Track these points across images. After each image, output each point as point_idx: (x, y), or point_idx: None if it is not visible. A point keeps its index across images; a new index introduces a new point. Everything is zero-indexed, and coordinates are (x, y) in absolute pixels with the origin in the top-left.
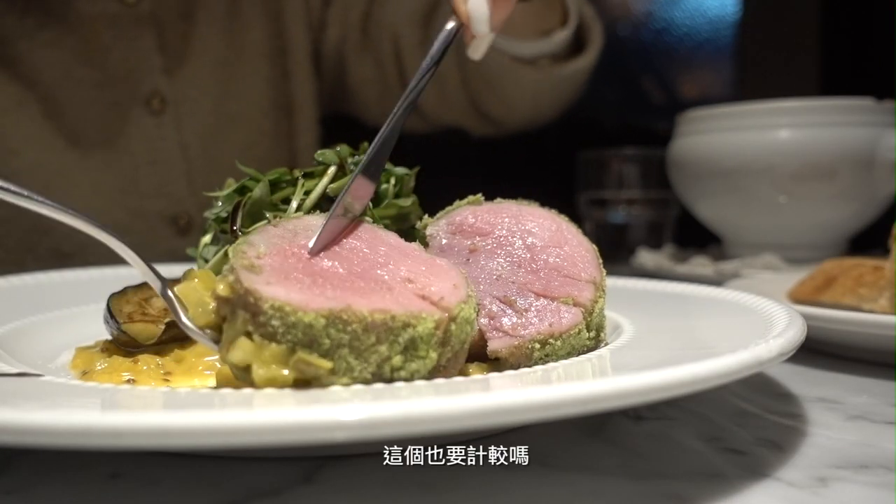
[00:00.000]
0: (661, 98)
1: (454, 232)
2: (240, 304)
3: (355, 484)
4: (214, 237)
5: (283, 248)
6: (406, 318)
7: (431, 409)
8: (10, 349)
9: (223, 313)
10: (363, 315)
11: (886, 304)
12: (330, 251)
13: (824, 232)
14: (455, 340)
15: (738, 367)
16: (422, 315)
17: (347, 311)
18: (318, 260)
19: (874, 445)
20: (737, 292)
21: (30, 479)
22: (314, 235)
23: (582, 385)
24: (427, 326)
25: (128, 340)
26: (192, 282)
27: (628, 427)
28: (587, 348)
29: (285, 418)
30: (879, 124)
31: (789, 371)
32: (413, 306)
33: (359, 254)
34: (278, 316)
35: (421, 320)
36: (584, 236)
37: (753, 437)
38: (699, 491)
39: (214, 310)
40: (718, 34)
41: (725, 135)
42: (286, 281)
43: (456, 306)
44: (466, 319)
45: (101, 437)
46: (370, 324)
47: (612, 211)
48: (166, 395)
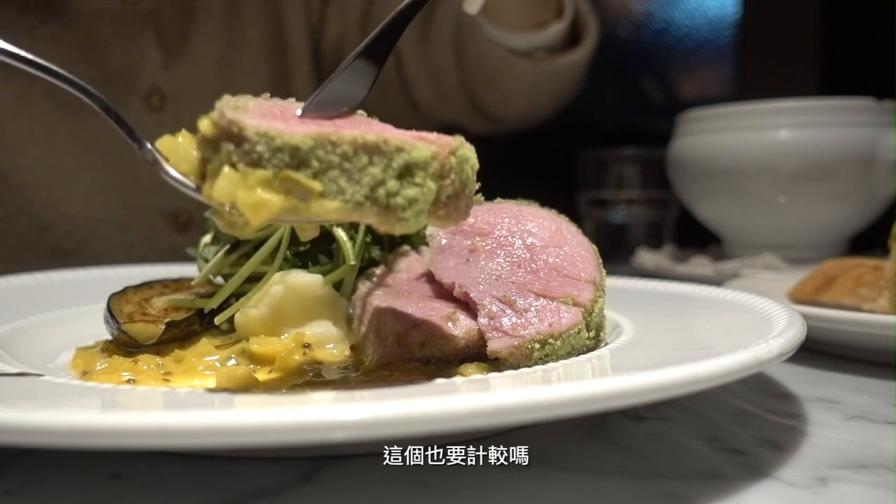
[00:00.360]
0: (660, 98)
1: (454, 232)
2: (223, 136)
3: (355, 484)
4: (214, 237)
5: (271, 107)
6: (400, 143)
7: (431, 409)
8: (10, 349)
9: (206, 155)
10: (353, 136)
11: (886, 304)
12: (319, 117)
13: (824, 232)
14: (455, 178)
15: (738, 367)
16: (417, 144)
17: (336, 134)
18: (306, 117)
19: (874, 445)
20: (737, 292)
21: (30, 479)
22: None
23: (582, 385)
24: (422, 153)
25: (128, 340)
26: (175, 137)
27: (628, 427)
28: (587, 348)
29: (285, 418)
30: (879, 124)
31: (789, 371)
32: (409, 138)
33: (350, 122)
34: (263, 141)
35: (416, 147)
36: (583, 236)
37: (753, 437)
38: (699, 491)
39: (197, 157)
40: (718, 34)
41: (725, 135)
42: (271, 118)
43: (455, 141)
44: (466, 158)
45: (101, 437)
46: (361, 145)
47: (611, 211)
48: (166, 395)
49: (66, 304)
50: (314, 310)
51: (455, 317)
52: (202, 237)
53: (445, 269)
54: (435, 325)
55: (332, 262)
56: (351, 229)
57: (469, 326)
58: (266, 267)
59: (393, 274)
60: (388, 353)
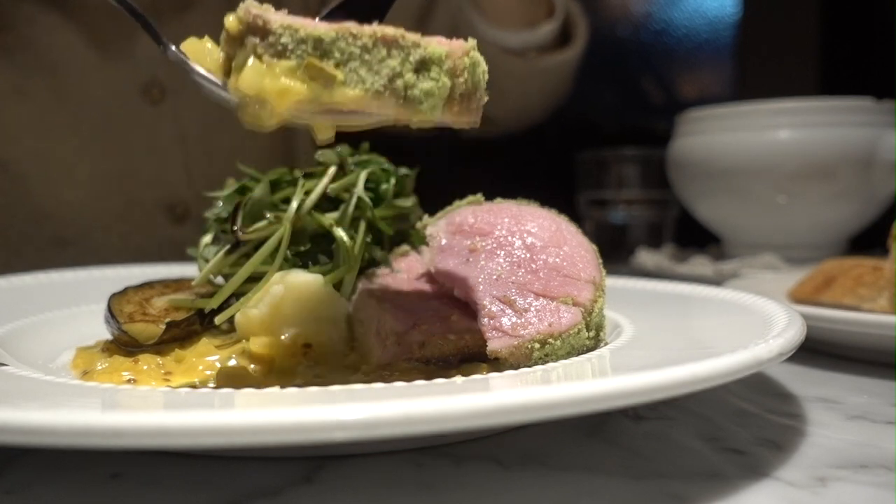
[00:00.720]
0: (660, 98)
1: (454, 232)
2: (248, 31)
3: (355, 484)
4: (215, 237)
5: (294, 17)
6: (416, 39)
7: (431, 409)
8: (10, 349)
9: (231, 52)
10: (373, 30)
11: (886, 304)
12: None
13: (824, 232)
14: (468, 78)
15: (738, 367)
16: (432, 41)
17: (356, 27)
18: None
19: (874, 445)
20: (737, 292)
21: (30, 479)
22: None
23: (582, 385)
24: (437, 50)
25: (128, 340)
26: (200, 40)
27: (628, 427)
28: (587, 348)
29: (285, 418)
30: (879, 124)
31: (789, 371)
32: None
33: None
34: (288, 33)
35: (431, 44)
36: (583, 236)
37: (753, 437)
38: (699, 491)
39: (222, 56)
40: (718, 34)
41: (725, 135)
42: (293, 19)
43: (468, 44)
44: (477, 61)
45: (101, 437)
46: (380, 38)
47: (611, 211)
48: (166, 395)
49: (66, 304)
50: (314, 310)
51: (455, 317)
52: (202, 237)
53: (445, 269)
54: (435, 325)
55: (332, 262)
56: (351, 229)
57: (469, 326)
58: (266, 267)
59: (393, 274)
60: (388, 353)
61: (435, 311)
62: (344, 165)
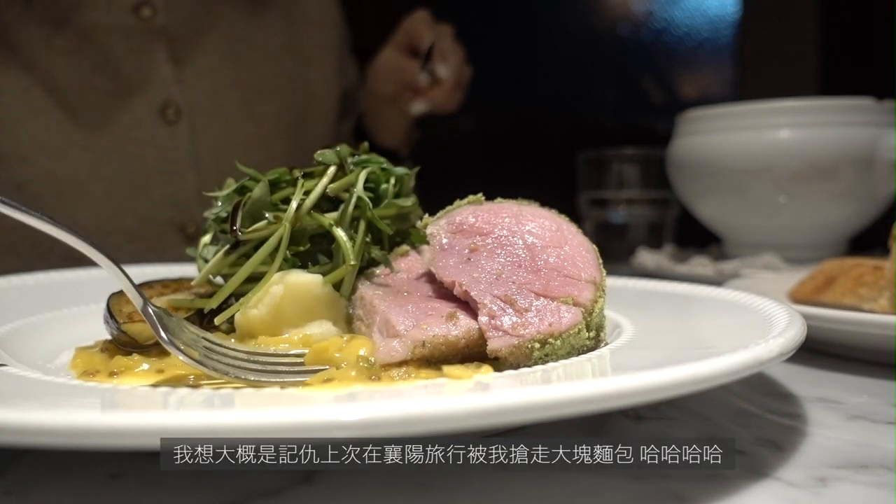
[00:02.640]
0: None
1: (455, 231)
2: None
3: (355, 484)
4: (214, 237)
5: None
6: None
7: (431, 409)
8: (10, 349)
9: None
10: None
11: (886, 304)
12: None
13: (824, 232)
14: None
15: (738, 367)
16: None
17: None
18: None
19: (874, 445)
20: (737, 292)
21: (30, 479)
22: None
23: (582, 385)
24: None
25: (128, 340)
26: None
27: (628, 427)
28: (587, 348)
29: (285, 418)
30: (879, 124)
31: (789, 371)
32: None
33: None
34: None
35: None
36: (584, 236)
37: (753, 437)
38: (699, 491)
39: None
40: (718, 34)
41: (725, 135)
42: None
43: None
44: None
45: (101, 437)
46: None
47: (612, 211)
48: (166, 394)
49: (66, 304)
50: (314, 310)
51: (455, 316)
52: (202, 237)
53: (446, 268)
54: (435, 325)
55: (332, 262)
56: (350, 229)
57: (469, 326)
58: (266, 267)
59: (393, 274)
60: (388, 353)
61: (435, 310)
62: (343, 165)
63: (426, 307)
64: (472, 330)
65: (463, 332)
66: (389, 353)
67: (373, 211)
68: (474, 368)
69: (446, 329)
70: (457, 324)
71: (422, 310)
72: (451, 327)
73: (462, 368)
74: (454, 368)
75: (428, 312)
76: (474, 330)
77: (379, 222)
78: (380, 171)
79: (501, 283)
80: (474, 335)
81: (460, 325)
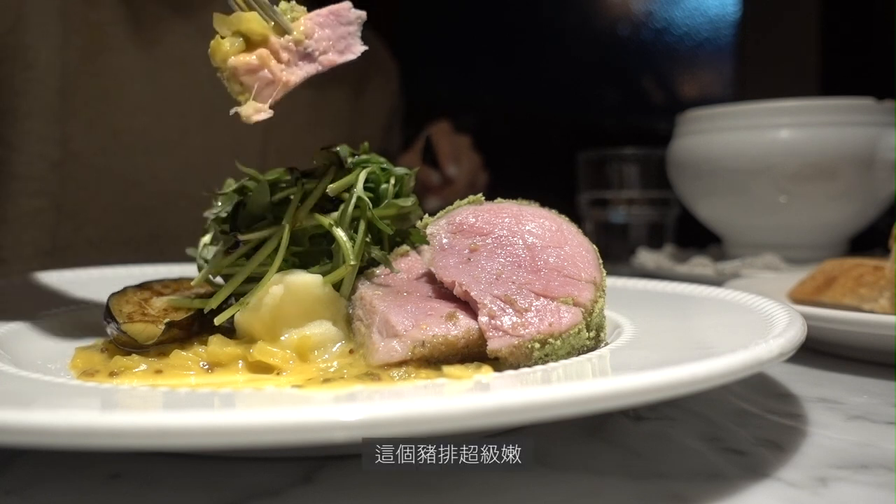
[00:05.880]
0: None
1: (455, 231)
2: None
3: (355, 484)
4: (214, 237)
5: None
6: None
7: (431, 409)
8: (10, 349)
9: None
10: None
11: (886, 304)
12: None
13: (824, 232)
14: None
15: (738, 367)
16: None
17: None
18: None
19: (874, 445)
20: (737, 292)
21: (30, 479)
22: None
23: (582, 385)
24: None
25: (127, 340)
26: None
27: (628, 427)
28: (587, 348)
29: (285, 418)
30: (879, 124)
31: (789, 371)
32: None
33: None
34: None
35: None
36: (584, 236)
37: (753, 437)
38: (699, 491)
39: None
40: (718, 34)
41: (725, 135)
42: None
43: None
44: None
45: (101, 437)
46: None
47: (612, 211)
48: (166, 395)
49: (66, 304)
50: (314, 310)
51: (455, 316)
52: (201, 237)
53: (446, 268)
54: (435, 325)
55: (332, 262)
56: (350, 229)
57: (469, 325)
58: (266, 267)
59: (393, 274)
60: (388, 353)
61: (435, 311)
62: (343, 165)
63: (426, 307)
64: (471, 330)
65: (463, 332)
66: (389, 353)
67: (373, 211)
68: (474, 368)
69: (446, 329)
70: (456, 324)
71: (421, 310)
72: (450, 327)
73: (462, 368)
74: (454, 368)
75: (427, 312)
76: (474, 330)
77: (379, 222)
78: (380, 171)
79: (501, 283)
80: (474, 335)
81: (460, 325)
